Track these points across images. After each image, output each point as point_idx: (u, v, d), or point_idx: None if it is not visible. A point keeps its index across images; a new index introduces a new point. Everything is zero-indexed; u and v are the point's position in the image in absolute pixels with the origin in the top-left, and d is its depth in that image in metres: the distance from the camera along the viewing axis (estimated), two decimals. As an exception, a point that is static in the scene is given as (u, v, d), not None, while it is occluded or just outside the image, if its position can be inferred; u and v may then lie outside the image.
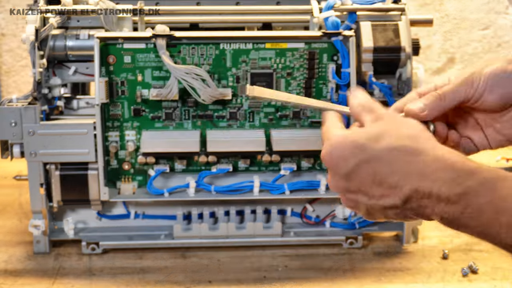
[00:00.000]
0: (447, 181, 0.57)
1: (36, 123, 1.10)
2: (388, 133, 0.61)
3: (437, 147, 0.60)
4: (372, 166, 0.60)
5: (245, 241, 1.17)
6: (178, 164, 1.15)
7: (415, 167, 0.59)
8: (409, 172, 0.59)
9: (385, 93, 1.15)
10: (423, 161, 0.59)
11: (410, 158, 0.59)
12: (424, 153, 0.59)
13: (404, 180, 0.59)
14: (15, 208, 1.36)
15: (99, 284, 1.06)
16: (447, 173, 0.57)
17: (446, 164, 0.58)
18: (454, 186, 0.57)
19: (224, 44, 1.11)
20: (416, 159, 0.59)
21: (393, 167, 0.60)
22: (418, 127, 0.62)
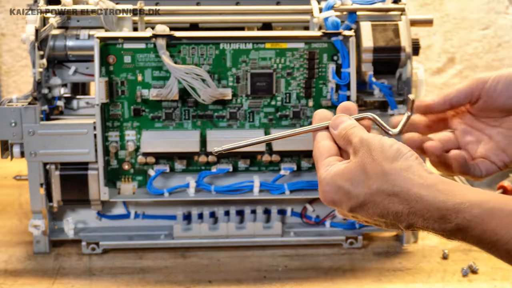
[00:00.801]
0: (436, 220, 0.58)
1: (36, 123, 1.10)
2: (367, 172, 0.61)
3: (416, 183, 0.59)
4: (366, 207, 0.62)
5: (245, 241, 1.17)
6: (178, 164, 1.15)
7: (402, 207, 0.60)
8: (399, 212, 0.60)
9: (385, 93, 1.15)
10: (408, 202, 0.59)
11: (394, 200, 0.60)
12: (404, 194, 0.59)
13: (399, 218, 0.60)
14: (15, 208, 1.36)
15: (99, 284, 1.06)
16: (434, 213, 0.58)
17: (429, 205, 0.58)
18: (445, 224, 0.58)
19: (224, 44, 1.11)
20: (399, 200, 0.60)
21: (381, 209, 0.61)
22: (392, 155, 0.61)
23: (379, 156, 0.61)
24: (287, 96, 1.14)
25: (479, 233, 0.56)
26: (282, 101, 1.14)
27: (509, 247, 0.55)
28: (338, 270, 1.10)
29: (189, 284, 1.06)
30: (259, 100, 1.14)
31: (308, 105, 1.14)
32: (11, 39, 1.89)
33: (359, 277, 1.08)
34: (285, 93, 1.14)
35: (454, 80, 2.00)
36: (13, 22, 1.87)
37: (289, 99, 1.14)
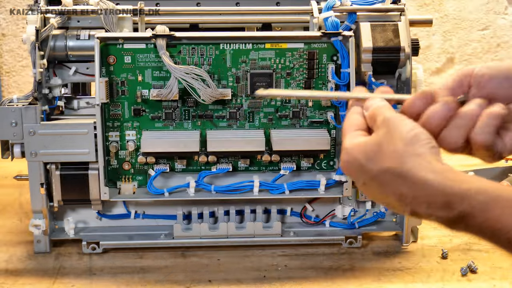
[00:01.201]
0: (441, 206, 0.58)
1: (37, 123, 1.10)
2: (382, 150, 0.62)
3: (423, 167, 0.59)
4: (375, 184, 0.63)
5: (245, 240, 1.18)
6: (178, 164, 1.16)
7: (406, 191, 0.60)
8: (404, 195, 0.60)
9: (384, 93, 1.15)
10: (413, 186, 0.59)
11: (400, 182, 0.60)
12: (411, 176, 0.60)
13: (403, 201, 0.61)
14: (15, 208, 1.36)
15: (99, 283, 1.06)
16: (438, 198, 0.58)
17: (435, 189, 0.58)
18: (448, 211, 0.58)
19: (224, 44, 1.11)
20: (406, 183, 0.60)
21: (390, 188, 0.61)
22: (409, 139, 0.61)
23: (397, 137, 0.62)
24: (286, 96, 1.14)
25: (482, 221, 0.56)
26: (281, 101, 1.14)
27: (510, 236, 0.56)
28: (337, 270, 1.11)
29: (189, 283, 1.06)
30: (259, 100, 1.14)
31: (307, 105, 1.14)
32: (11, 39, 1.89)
33: (359, 277, 1.08)
34: (285, 93, 1.14)
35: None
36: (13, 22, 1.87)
37: (289, 99, 1.14)
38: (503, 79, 0.67)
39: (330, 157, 1.17)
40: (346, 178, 1.14)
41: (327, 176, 1.16)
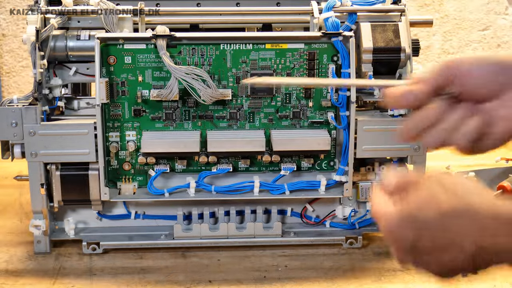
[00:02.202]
0: (507, 233, 0.56)
1: (37, 124, 1.10)
2: (436, 196, 0.58)
3: (488, 200, 0.57)
4: (429, 233, 0.59)
5: (245, 241, 1.18)
6: (179, 164, 1.16)
7: (470, 226, 0.57)
8: (466, 233, 0.57)
9: (385, 94, 1.15)
10: (480, 218, 0.56)
11: (464, 219, 0.57)
12: (477, 209, 0.57)
13: (465, 240, 0.58)
14: (15, 208, 1.36)
15: (99, 284, 1.06)
16: (505, 225, 0.56)
17: (504, 216, 0.56)
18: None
19: (224, 45, 1.11)
20: (468, 220, 0.57)
21: (451, 231, 0.57)
22: (462, 180, 0.59)
23: (449, 182, 0.58)
24: (287, 96, 1.14)
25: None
26: (282, 101, 1.14)
27: None
28: (338, 270, 1.11)
29: (190, 284, 1.06)
30: (259, 101, 1.14)
31: (308, 106, 1.14)
32: (11, 39, 1.89)
33: (359, 277, 1.08)
34: (285, 94, 1.14)
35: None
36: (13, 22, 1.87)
37: (289, 99, 1.14)
38: (487, 74, 0.64)
39: (331, 157, 1.17)
40: (346, 178, 1.14)
41: (328, 176, 1.16)
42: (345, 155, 1.13)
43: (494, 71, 0.64)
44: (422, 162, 1.15)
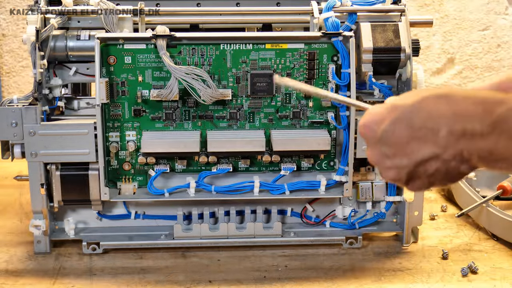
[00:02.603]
0: (478, 115, 0.58)
1: (37, 124, 1.10)
2: (417, 91, 0.63)
3: (465, 89, 0.61)
4: (406, 122, 0.62)
5: (245, 241, 1.17)
6: (179, 164, 1.16)
7: (446, 109, 0.60)
8: (441, 115, 0.60)
9: (385, 94, 1.15)
10: (453, 102, 0.60)
11: (440, 102, 0.60)
12: (453, 95, 0.60)
13: (438, 123, 0.60)
14: (15, 208, 1.36)
15: (99, 284, 1.06)
16: (477, 107, 0.58)
17: (475, 100, 0.59)
18: (485, 118, 0.58)
19: (224, 45, 1.11)
20: (446, 101, 0.60)
21: (425, 113, 0.61)
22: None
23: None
24: (287, 96, 1.14)
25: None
26: (282, 101, 1.14)
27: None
28: (338, 270, 1.11)
29: (190, 284, 1.06)
30: (259, 101, 1.14)
31: (308, 106, 1.14)
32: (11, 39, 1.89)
33: (359, 277, 1.08)
34: (285, 94, 1.14)
35: (454, 81, 2.00)
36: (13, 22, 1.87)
37: (289, 99, 1.14)
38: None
39: (331, 157, 1.17)
40: (346, 178, 1.14)
41: (328, 176, 1.16)
42: (345, 155, 1.13)
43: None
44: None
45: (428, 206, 1.35)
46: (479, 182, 1.33)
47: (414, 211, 1.18)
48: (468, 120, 0.59)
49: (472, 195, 1.29)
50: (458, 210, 1.32)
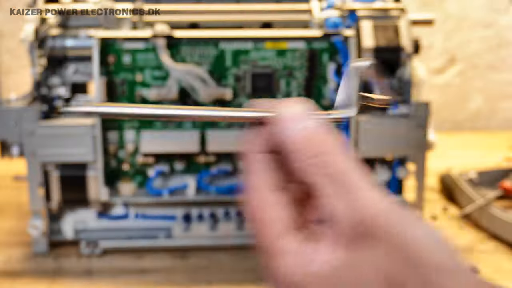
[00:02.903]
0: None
1: (35, 123, 1.09)
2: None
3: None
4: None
5: (245, 241, 1.17)
6: (178, 165, 1.15)
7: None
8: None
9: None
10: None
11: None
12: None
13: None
14: (13, 208, 1.35)
15: (98, 284, 1.06)
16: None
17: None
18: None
19: (224, 44, 1.11)
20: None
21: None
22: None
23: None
24: (287, 96, 1.13)
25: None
26: (282, 101, 1.13)
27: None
28: (338, 271, 1.10)
29: (189, 284, 1.06)
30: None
31: (308, 105, 1.14)
32: (10, 38, 1.88)
33: (360, 278, 1.07)
34: (285, 93, 1.13)
35: (455, 80, 2.00)
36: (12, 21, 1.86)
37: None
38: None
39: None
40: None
41: (328, 176, 1.15)
42: (345, 155, 1.12)
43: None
44: (424, 161, 1.15)
45: (428, 206, 1.34)
46: (481, 180, 1.33)
47: (415, 211, 1.17)
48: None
49: (474, 195, 1.28)
50: (459, 210, 1.31)
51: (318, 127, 0.41)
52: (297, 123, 0.41)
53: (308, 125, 0.41)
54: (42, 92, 1.13)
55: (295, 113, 0.41)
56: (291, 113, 0.41)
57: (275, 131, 0.41)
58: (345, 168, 0.39)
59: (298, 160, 0.40)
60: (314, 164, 0.39)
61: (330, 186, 0.38)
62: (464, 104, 2.00)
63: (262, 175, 0.42)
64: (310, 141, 0.40)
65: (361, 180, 0.38)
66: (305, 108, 0.42)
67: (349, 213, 0.38)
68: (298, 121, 0.41)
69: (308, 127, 0.40)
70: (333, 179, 0.38)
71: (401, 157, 1.16)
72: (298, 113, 0.41)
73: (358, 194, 0.38)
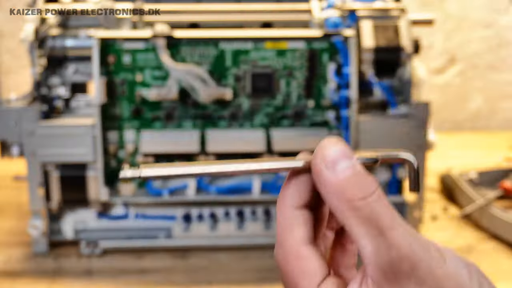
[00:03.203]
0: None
1: (36, 123, 1.09)
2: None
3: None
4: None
5: (245, 241, 1.17)
6: (178, 165, 1.15)
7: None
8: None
9: (385, 93, 1.14)
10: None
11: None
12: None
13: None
14: (14, 208, 1.35)
15: (98, 285, 1.06)
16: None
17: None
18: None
19: (224, 44, 1.11)
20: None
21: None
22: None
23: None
24: (287, 96, 1.13)
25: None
26: (282, 101, 1.13)
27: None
28: (338, 271, 1.10)
29: (189, 285, 1.05)
30: (260, 100, 1.13)
31: (308, 105, 1.14)
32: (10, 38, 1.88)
33: (360, 278, 1.07)
34: (285, 93, 1.13)
35: (455, 80, 2.00)
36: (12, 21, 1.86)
37: (290, 99, 1.13)
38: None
39: (331, 157, 1.16)
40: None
41: (328, 176, 1.15)
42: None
43: None
44: (424, 162, 1.14)
45: (429, 206, 1.34)
46: (481, 181, 1.32)
47: (415, 211, 1.17)
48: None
49: (474, 195, 1.28)
50: (459, 210, 1.31)
51: (352, 171, 0.40)
52: (330, 168, 0.40)
53: (341, 170, 0.40)
54: (42, 92, 1.13)
55: (328, 158, 0.41)
56: (324, 158, 0.41)
57: (312, 178, 0.42)
58: (377, 210, 0.39)
59: (333, 205, 0.40)
60: (348, 208, 0.40)
61: (362, 228, 0.39)
62: (464, 104, 1.99)
63: (296, 230, 0.43)
64: (344, 186, 0.40)
65: (393, 220, 0.39)
66: (338, 150, 0.41)
67: (380, 253, 0.39)
68: (332, 166, 0.40)
69: (340, 173, 0.40)
70: (365, 220, 0.39)
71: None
72: (332, 158, 0.41)
73: (389, 234, 0.39)
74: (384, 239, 0.38)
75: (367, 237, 0.39)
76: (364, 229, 0.39)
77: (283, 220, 0.43)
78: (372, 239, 0.39)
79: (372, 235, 0.39)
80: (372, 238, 0.39)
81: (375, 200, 0.39)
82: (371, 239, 0.39)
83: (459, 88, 1.99)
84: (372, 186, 0.40)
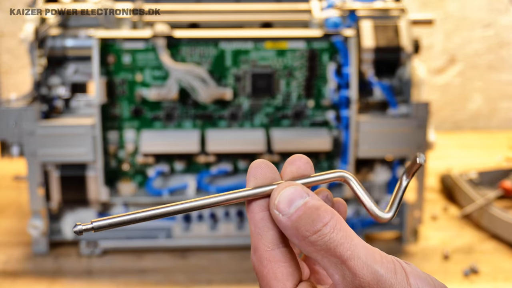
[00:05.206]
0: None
1: (36, 123, 1.09)
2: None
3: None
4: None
5: (245, 242, 1.17)
6: (178, 164, 1.15)
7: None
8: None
9: (385, 93, 1.14)
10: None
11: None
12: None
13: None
14: (14, 208, 1.35)
15: (98, 285, 1.06)
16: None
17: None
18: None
19: (224, 44, 1.11)
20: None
21: None
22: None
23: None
24: (287, 96, 1.13)
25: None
26: (282, 101, 1.13)
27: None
28: (338, 271, 1.10)
29: (189, 284, 1.05)
30: (260, 100, 1.13)
31: (308, 106, 1.14)
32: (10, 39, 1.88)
33: (360, 278, 1.07)
34: (285, 94, 1.13)
35: (455, 80, 2.00)
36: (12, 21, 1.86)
37: (290, 99, 1.13)
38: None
39: (331, 157, 1.16)
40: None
41: (328, 176, 1.15)
42: (345, 155, 1.12)
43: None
44: (423, 162, 1.14)
45: (429, 206, 1.34)
46: (482, 180, 1.32)
47: (415, 211, 1.17)
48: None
49: (474, 195, 1.28)
50: (459, 210, 1.31)
51: (303, 208, 0.42)
52: (282, 212, 0.42)
53: (293, 210, 0.42)
54: (42, 92, 1.13)
55: (280, 205, 0.42)
56: (277, 205, 0.42)
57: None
58: (333, 240, 0.41)
59: (295, 243, 0.42)
60: (307, 244, 0.41)
61: (325, 259, 0.41)
62: (464, 104, 1.99)
63: (267, 234, 0.44)
64: (297, 225, 0.41)
65: (352, 248, 0.41)
66: (290, 193, 0.42)
67: (347, 282, 0.41)
68: (283, 210, 0.42)
69: (294, 214, 0.42)
70: (325, 252, 0.41)
71: (401, 157, 1.16)
72: (283, 204, 0.42)
73: (350, 264, 0.40)
74: (348, 267, 0.40)
75: (331, 267, 0.41)
76: (327, 260, 0.41)
77: (254, 226, 0.44)
78: (336, 268, 0.41)
79: (335, 263, 0.41)
80: (335, 267, 0.41)
81: (330, 231, 0.41)
82: (335, 268, 0.41)
83: (459, 88, 1.99)
84: (324, 218, 0.41)
